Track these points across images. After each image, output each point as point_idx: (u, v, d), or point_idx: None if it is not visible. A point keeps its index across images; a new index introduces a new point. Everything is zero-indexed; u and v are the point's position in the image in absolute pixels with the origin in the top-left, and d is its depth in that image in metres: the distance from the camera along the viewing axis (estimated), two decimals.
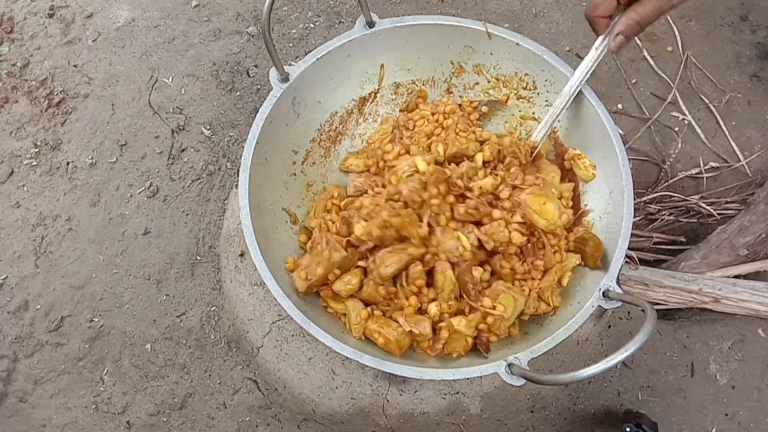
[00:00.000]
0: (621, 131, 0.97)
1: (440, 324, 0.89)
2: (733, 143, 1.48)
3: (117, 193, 1.44)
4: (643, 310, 0.72)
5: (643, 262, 1.41)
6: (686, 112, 1.51)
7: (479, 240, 0.90)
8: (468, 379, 0.98)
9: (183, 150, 1.47)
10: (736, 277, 1.34)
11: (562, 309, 0.93)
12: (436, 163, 0.96)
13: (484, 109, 1.11)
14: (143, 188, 1.44)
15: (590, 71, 0.97)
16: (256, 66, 1.55)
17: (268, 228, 0.96)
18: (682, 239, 1.47)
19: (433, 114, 1.06)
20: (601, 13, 0.89)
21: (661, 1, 0.84)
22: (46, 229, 1.41)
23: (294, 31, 1.59)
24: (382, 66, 1.08)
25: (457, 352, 0.90)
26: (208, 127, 1.49)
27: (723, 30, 1.59)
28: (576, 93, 0.98)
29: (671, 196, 1.45)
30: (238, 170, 0.93)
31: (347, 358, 0.83)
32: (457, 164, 0.96)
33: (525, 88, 1.07)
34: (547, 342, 0.83)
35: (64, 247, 1.40)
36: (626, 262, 1.27)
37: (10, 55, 1.59)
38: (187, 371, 1.30)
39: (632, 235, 0.92)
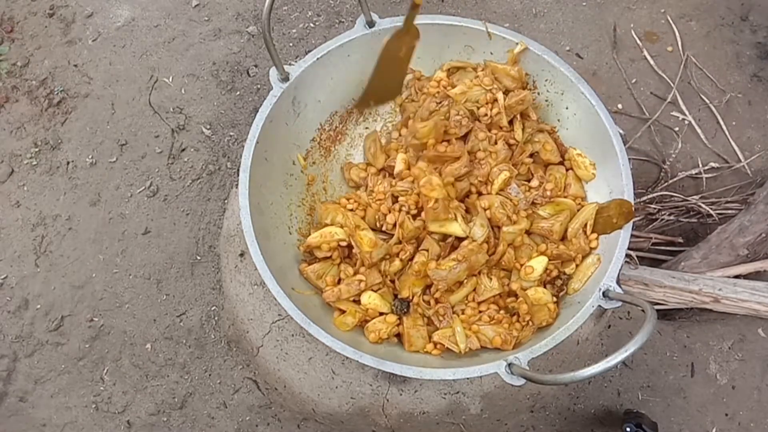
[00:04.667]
0: (621, 131, 0.97)
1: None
2: (733, 143, 1.48)
3: (117, 192, 1.44)
4: (643, 310, 0.72)
5: (643, 261, 1.41)
6: (686, 112, 1.50)
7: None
8: (468, 379, 0.97)
9: (183, 150, 1.47)
10: (736, 277, 1.34)
11: (562, 309, 0.93)
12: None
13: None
14: (143, 188, 1.44)
15: None
16: (256, 66, 1.55)
17: (268, 228, 0.96)
18: (680, 240, 1.47)
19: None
20: None
21: None
22: (46, 228, 1.41)
23: (294, 30, 1.59)
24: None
25: (543, 320, 0.92)
26: (208, 126, 1.49)
27: (723, 30, 1.59)
28: None
29: (671, 196, 1.45)
30: (238, 170, 0.93)
31: (347, 358, 0.83)
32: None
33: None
34: (547, 342, 0.83)
35: (64, 246, 1.40)
36: (626, 262, 1.27)
37: (10, 55, 1.59)
38: (187, 371, 1.30)
39: (632, 235, 0.92)
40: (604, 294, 0.86)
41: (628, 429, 1.12)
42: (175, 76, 1.54)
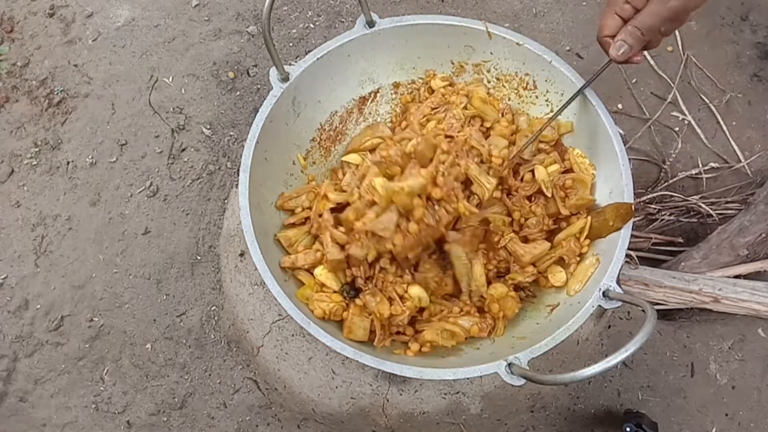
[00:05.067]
0: (621, 131, 0.97)
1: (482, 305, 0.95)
2: (733, 143, 1.48)
3: (117, 192, 1.44)
4: (643, 310, 0.72)
5: (643, 261, 1.41)
6: (686, 112, 1.50)
7: None
8: (468, 379, 0.98)
9: (183, 149, 1.47)
10: (736, 277, 1.34)
11: (562, 309, 0.93)
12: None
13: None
14: (143, 188, 1.44)
15: (592, 81, 0.97)
16: (256, 66, 1.55)
17: (268, 228, 0.96)
18: (680, 240, 1.47)
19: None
20: (608, 33, 0.90)
21: (659, 6, 0.85)
22: (46, 228, 1.41)
23: (294, 30, 1.59)
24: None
25: (515, 308, 0.94)
26: (208, 126, 1.49)
27: (723, 30, 1.59)
28: (568, 104, 0.98)
29: (671, 196, 1.45)
30: (238, 170, 0.93)
31: (347, 357, 0.83)
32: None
33: (525, 88, 1.07)
34: (547, 342, 0.83)
35: (64, 246, 1.40)
36: (626, 262, 1.27)
37: (10, 55, 1.59)
38: (187, 371, 1.30)
39: (632, 235, 0.92)
40: (604, 294, 0.86)
41: (628, 429, 1.12)
42: (175, 76, 1.54)
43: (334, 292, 0.93)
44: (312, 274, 0.94)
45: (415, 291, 0.92)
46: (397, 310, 0.92)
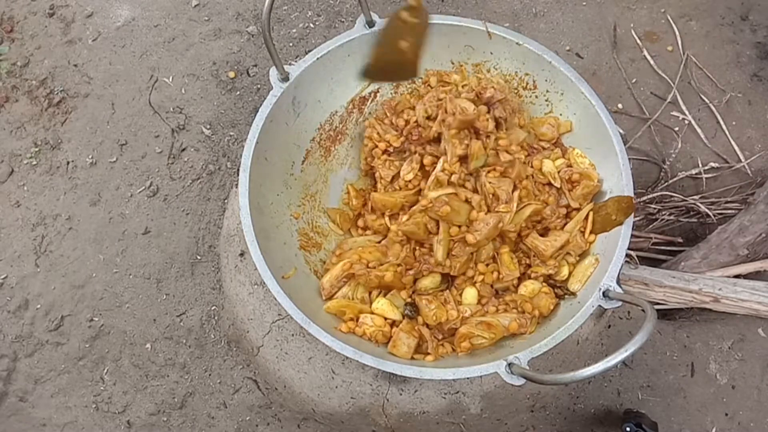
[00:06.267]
0: (621, 131, 0.97)
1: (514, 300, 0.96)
2: (733, 143, 1.48)
3: (117, 192, 1.44)
4: (643, 310, 0.72)
5: (643, 261, 1.41)
6: (686, 112, 1.50)
7: None
8: (468, 378, 0.98)
9: (183, 149, 1.47)
10: (736, 276, 1.34)
11: (562, 308, 0.93)
12: None
13: None
14: (143, 188, 1.44)
15: None
16: (256, 65, 1.55)
17: (268, 228, 0.96)
18: (680, 240, 1.47)
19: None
20: None
21: None
22: (46, 228, 1.41)
23: (294, 30, 1.59)
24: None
25: (549, 305, 0.94)
26: (208, 126, 1.49)
27: (723, 30, 1.59)
28: None
29: (671, 196, 1.45)
30: (238, 170, 0.93)
31: (347, 357, 0.83)
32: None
33: (525, 88, 1.07)
34: (547, 342, 0.83)
35: (65, 246, 1.40)
36: (626, 261, 1.27)
37: (10, 55, 1.59)
38: (187, 371, 1.31)
39: (632, 235, 0.92)
40: (604, 294, 0.86)
41: (628, 429, 1.12)
42: (175, 76, 1.54)
43: (392, 322, 0.94)
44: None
45: (469, 293, 0.95)
46: (453, 314, 0.93)
